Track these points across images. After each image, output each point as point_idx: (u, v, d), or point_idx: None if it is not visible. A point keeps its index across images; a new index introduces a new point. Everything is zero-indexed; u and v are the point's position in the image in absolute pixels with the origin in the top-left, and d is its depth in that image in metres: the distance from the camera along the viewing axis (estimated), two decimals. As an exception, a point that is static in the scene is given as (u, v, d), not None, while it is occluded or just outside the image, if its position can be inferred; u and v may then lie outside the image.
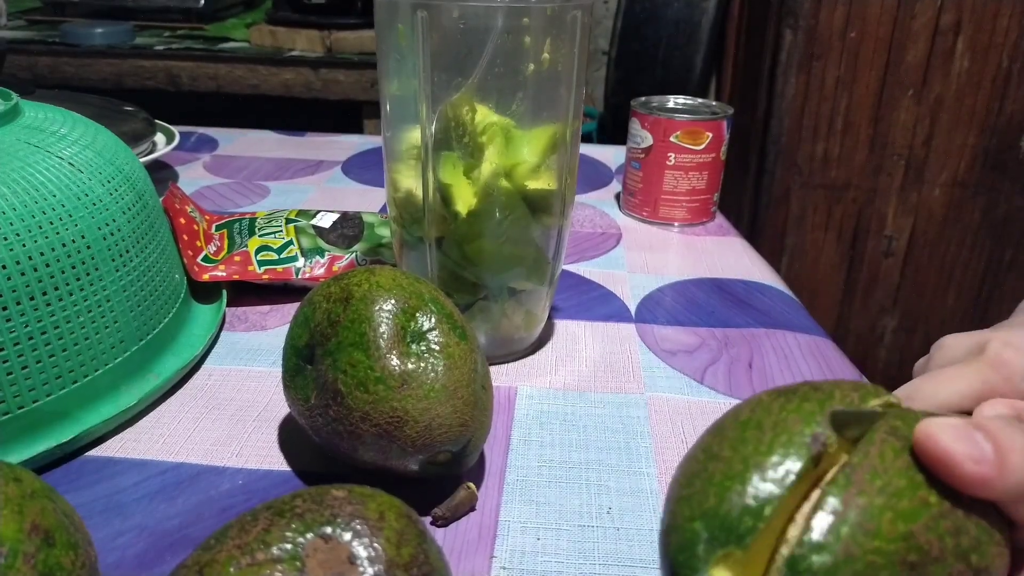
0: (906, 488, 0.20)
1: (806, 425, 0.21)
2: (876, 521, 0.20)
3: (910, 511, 0.20)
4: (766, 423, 0.22)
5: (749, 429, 0.22)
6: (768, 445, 0.21)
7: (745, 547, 0.20)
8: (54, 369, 0.37)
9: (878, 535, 0.20)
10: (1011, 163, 1.35)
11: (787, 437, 0.21)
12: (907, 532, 0.20)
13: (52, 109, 0.44)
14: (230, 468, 0.37)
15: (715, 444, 0.23)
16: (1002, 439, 0.21)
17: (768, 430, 0.22)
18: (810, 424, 0.21)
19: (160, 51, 1.30)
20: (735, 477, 0.21)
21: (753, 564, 0.21)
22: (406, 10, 0.38)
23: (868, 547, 0.20)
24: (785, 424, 0.22)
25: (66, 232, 0.37)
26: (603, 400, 0.43)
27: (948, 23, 1.27)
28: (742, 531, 0.20)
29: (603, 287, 0.57)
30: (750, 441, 0.22)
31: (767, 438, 0.22)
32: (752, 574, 0.21)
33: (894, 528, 0.20)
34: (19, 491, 0.23)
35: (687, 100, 0.70)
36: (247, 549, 0.22)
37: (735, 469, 0.21)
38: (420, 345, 0.33)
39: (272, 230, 0.55)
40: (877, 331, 1.49)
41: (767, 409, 0.23)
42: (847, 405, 0.22)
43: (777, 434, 0.22)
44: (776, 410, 0.22)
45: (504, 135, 0.40)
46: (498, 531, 0.34)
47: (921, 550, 0.20)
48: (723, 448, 0.22)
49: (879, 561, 0.20)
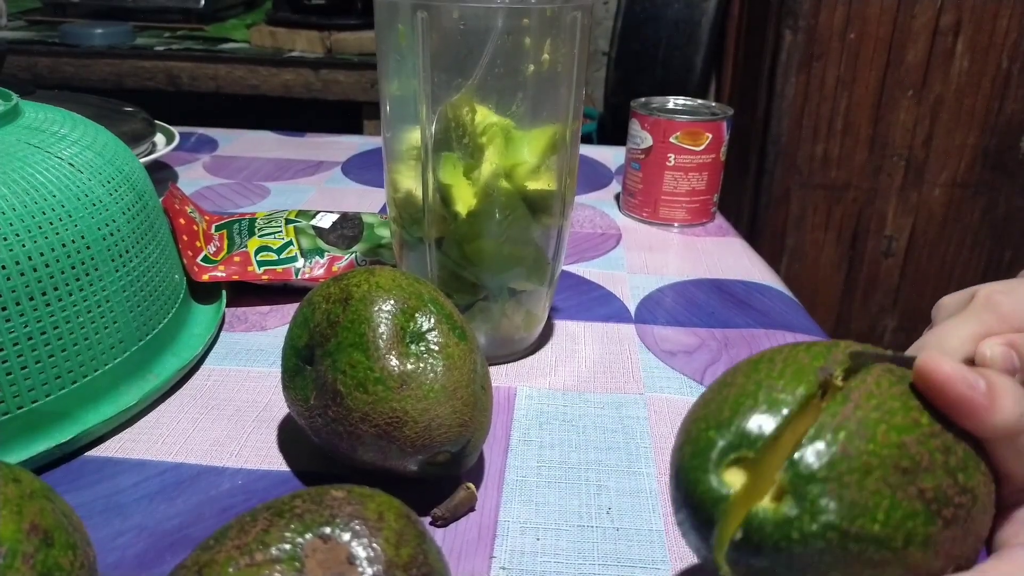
0: (899, 408, 0.22)
1: (815, 360, 0.24)
2: (871, 430, 0.22)
3: (903, 425, 0.22)
4: (777, 359, 0.24)
5: (762, 362, 0.25)
6: (780, 372, 0.24)
7: (756, 450, 0.22)
8: (54, 369, 0.37)
9: (872, 440, 0.21)
10: (1011, 163, 1.35)
11: (797, 367, 0.24)
12: (900, 442, 0.22)
13: (52, 109, 0.44)
14: (229, 468, 0.37)
15: (729, 377, 0.25)
16: (995, 380, 0.23)
17: (779, 363, 0.24)
18: (818, 359, 0.24)
19: (160, 52, 1.30)
20: (748, 394, 0.23)
21: (762, 476, 0.22)
22: (406, 10, 0.38)
23: (863, 449, 0.21)
24: (795, 358, 0.24)
25: (66, 232, 0.37)
26: (603, 400, 0.43)
27: (948, 23, 1.27)
28: (753, 437, 0.22)
29: (603, 287, 0.57)
30: (762, 370, 0.24)
31: (778, 368, 0.24)
32: (761, 483, 0.22)
33: (888, 437, 0.22)
34: (18, 491, 0.23)
35: (687, 101, 0.70)
36: (246, 549, 0.22)
37: (748, 389, 0.24)
38: (419, 346, 0.33)
39: (272, 230, 0.55)
40: (877, 331, 1.49)
41: (778, 351, 0.25)
42: (854, 351, 0.24)
43: (787, 365, 0.24)
44: (787, 351, 0.25)
45: (504, 136, 0.40)
46: (497, 531, 0.34)
47: (912, 459, 0.21)
48: (736, 377, 0.25)
49: (873, 462, 0.21)
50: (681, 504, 0.24)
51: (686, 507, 0.23)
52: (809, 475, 0.21)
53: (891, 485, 0.21)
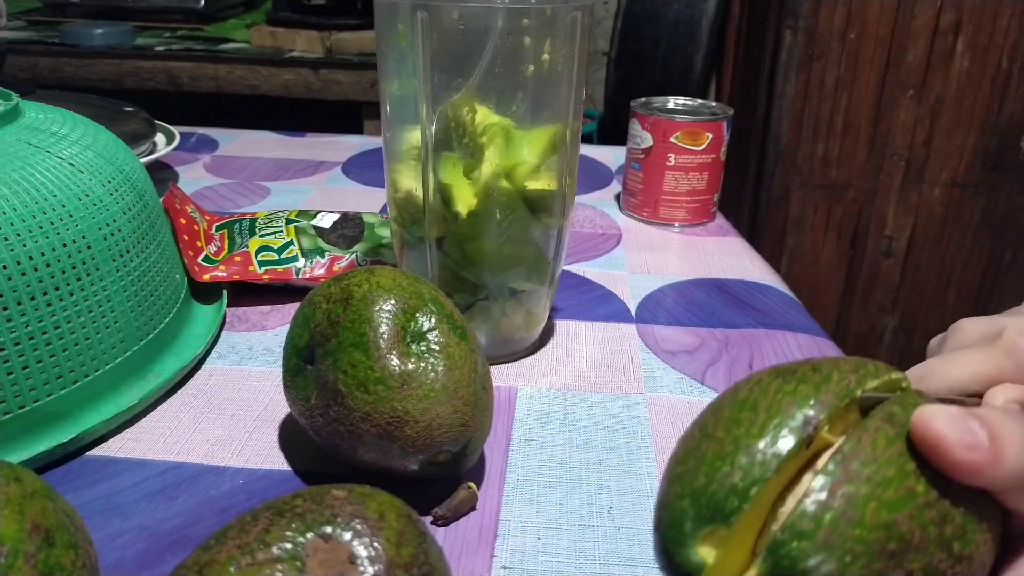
0: (894, 477, 0.21)
1: (799, 408, 0.22)
2: (860, 510, 0.20)
3: (895, 500, 0.20)
4: (761, 404, 0.23)
5: (745, 410, 0.23)
6: (760, 427, 0.22)
7: (730, 525, 0.21)
8: (54, 369, 0.37)
9: (860, 524, 0.20)
10: (1011, 163, 1.35)
11: (779, 419, 0.22)
12: (890, 521, 0.20)
13: (52, 109, 0.44)
14: (230, 468, 0.37)
15: (711, 423, 0.24)
16: (999, 428, 0.21)
17: (762, 411, 0.22)
18: (803, 407, 0.22)
19: (160, 52, 1.30)
20: (725, 458, 0.22)
21: (740, 542, 0.21)
22: (406, 11, 0.38)
23: (848, 535, 0.20)
24: (779, 407, 0.22)
25: (66, 232, 0.37)
26: (603, 400, 0.43)
27: (948, 23, 1.27)
28: (728, 511, 0.21)
29: (603, 287, 0.57)
30: (743, 422, 0.22)
31: (760, 420, 0.22)
32: (739, 551, 0.21)
33: (877, 517, 0.20)
34: (20, 491, 0.23)
35: (687, 101, 0.70)
36: (247, 549, 0.22)
37: (726, 450, 0.22)
38: (420, 345, 0.33)
39: (272, 230, 0.55)
40: (877, 331, 1.49)
41: (764, 390, 0.23)
42: (844, 389, 0.23)
43: (770, 416, 0.22)
44: (772, 392, 0.23)
45: (504, 135, 0.40)
46: (498, 531, 0.34)
47: (902, 539, 0.20)
48: (718, 428, 0.23)
49: (858, 549, 0.20)
50: (661, 567, 0.23)
51: (665, 572, 0.23)
52: (789, 564, 0.20)
53: (876, 571, 0.20)
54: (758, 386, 0.23)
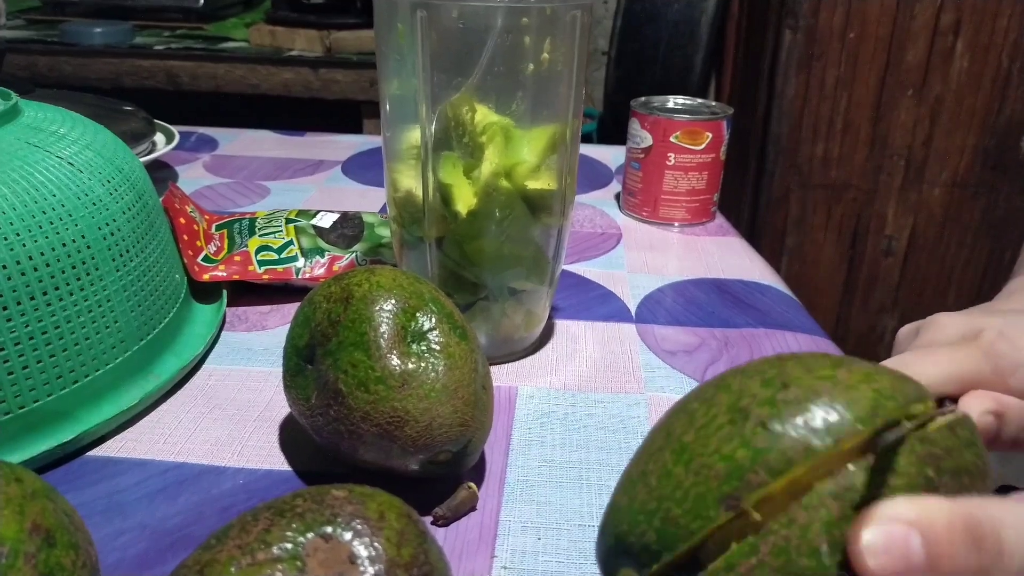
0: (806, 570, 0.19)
1: (725, 482, 0.20)
2: None
3: None
4: (696, 459, 0.21)
5: (680, 462, 0.21)
6: (685, 491, 0.21)
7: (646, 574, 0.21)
8: (55, 369, 0.37)
9: None
10: (1011, 163, 1.35)
11: (704, 488, 0.20)
12: None
13: (52, 109, 0.44)
14: (231, 468, 0.37)
15: (654, 457, 0.22)
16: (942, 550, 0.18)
17: (691, 474, 0.21)
18: (732, 479, 0.20)
19: (160, 51, 1.30)
20: (649, 514, 0.21)
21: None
22: (406, 10, 0.38)
23: None
24: (708, 472, 0.20)
25: (66, 232, 0.37)
26: (603, 400, 0.43)
27: (948, 23, 1.27)
28: (643, 562, 0.21)
29: (603, 287, 0.57)
30: (674, 477, 0.21)
31: (688, 481, 0.21)
32: None
33: None
34: (20, 491, 0.23)
35: (687, 100, 0.70)
36: (248, 549, 0.22)
37: (649, 507, 0.21)
38: (420, 345, 0.33)
39: (272, 230, 0.55)
40: (877, 331, 1.49)
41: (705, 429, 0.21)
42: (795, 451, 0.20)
43: (697, 482, 0.21)
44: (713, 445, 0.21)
45: (504, 135, 0.40)
46: (499, 531, 0.34)
47: None
48: (653, 470, 0.22)
49: None
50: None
51: None
52: None
53: None
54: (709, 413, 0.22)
